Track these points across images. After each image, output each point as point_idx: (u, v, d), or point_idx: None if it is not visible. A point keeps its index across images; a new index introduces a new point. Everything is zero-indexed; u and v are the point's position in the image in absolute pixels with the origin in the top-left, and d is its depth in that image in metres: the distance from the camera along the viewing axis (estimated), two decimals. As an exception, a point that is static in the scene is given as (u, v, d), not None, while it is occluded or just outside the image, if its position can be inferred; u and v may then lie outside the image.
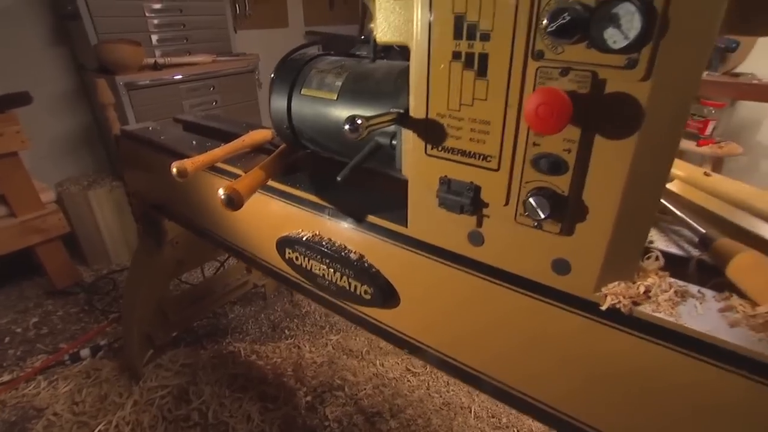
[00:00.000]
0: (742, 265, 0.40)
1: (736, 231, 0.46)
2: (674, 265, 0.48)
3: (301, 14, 3.19)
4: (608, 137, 0.34)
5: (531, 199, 0.38)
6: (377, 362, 1.34)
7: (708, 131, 2.01)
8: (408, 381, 1.27)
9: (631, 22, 0.29)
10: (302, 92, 0.61)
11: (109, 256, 1.90)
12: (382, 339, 0.63)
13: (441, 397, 1.22)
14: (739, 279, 0.40)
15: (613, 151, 0.34)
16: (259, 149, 0.82)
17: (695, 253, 0.48)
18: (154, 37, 1.95)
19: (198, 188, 0.85)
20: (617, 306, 0.39)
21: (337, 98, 0.56)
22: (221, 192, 0.54)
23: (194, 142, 0.90)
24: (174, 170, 0.65)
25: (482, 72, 0.37)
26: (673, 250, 0.49)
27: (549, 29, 0.31)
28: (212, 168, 0.77)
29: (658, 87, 0.31)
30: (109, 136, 1.81)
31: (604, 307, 0.39)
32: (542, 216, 0.37)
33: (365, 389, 1.21)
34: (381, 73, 0.54)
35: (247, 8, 2.67)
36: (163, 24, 1.96)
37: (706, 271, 0.46)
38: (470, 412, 1.17)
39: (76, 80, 2.01)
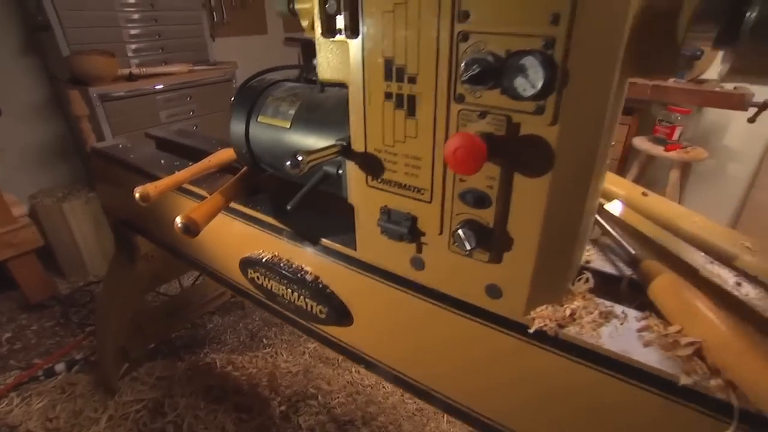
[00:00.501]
0: (660, 286, 0.43)
1: (662, 252, 0.49)
2: (609, 284, 0.51)
3: (280, 20, 3.19)
4: (526, 175, 0.36)
5: (459, 231, 0.40)
6: (353, 370, 1.35)
7: (675, 136, 2.07)
8: (383, 388, 1.30)
9: (536, 73, 0.32)
10: (259, 119, 0.62)
11: (86, 267, 1.89)
12: (340, 355, 0.65)
13: (415, 403, 1.24)
14: (657, 299, 0.42)
15: (530, 187, 0.36)
16: (225, 168, 0.84)
17: (628, 272, 0.51)
18: (130, 47, 1.94)
19: (165, 207, 0.85)
20: (544, 329, 0.42)
21: (291, 127, 0.58)
22: (178, 220, 0.56)
23: (163, 161, 0.91)
24: (137, 195, 0.66)
25: (411, 112, 0.40)
26: (608, 269, 0.52)
27: (463, 78, 0.33)
28: (178, 188, 0.78)
29: (565, 131, 0.33)
30: (84, 147, 1.80)
31: (531, 330, 0.42)
32: (469, 247, 0.40)
33: (338, 397, 1.23)
34: (331, 102, 0.56)
35: (225, 15, 2.66)
36: (138, 34, 1.95)
37: (638, 290, 0.49)
38: (443, 417, 1.20)
39: (50, 91, 1.99)
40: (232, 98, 0.69)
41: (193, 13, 2.13)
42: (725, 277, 0.44)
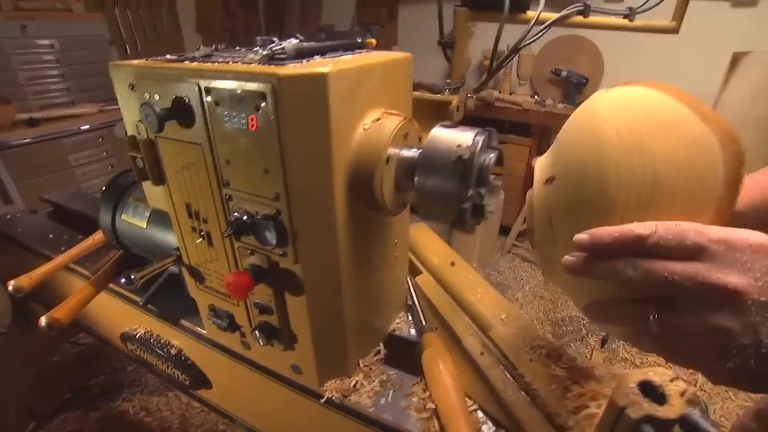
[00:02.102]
0: (426, 358, 0.56)
1: (443, 323, 0.63)
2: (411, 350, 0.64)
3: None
4: (291, 294, 0.48)
5: (255, 332, 0.52)
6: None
7: (566, 154, 2.32)
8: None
9: (271, 232, 0.43)
10: (122, 217, 0.71)
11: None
12: (210, 410, 0.75)
13: None
14: (424, 369, 0.55)
15: (296, 302, 0.49)
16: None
17: (421, 335, 0.64)
18: (29, 91, 1.91)
19: (54, 281, 0.91)
20: (332, 397, 0.54)
21: (147, 227, 0.67)
22: (43, 320, 0.63)
23: (51, 236, 0.96)
24: (10, 288, 0.72)
25: (210, 243, 0.51)
26: (412, 335, 0.65)
27: (226, 233, 0.45)
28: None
29: (306, 267, 0.45)
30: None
31: (322, 400, 0.54)
32: (262, 344, 0.51)
33: (251, 432, 1.32)
34: (174, 208, 0.66)
35: (139, 47, 2.65)
36: (37, 76, 1.92)
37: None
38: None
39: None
40: (103, 188, 0.77)
41: (98, 51, 2.12)
42: (475, 348, 0.58)
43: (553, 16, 0.84)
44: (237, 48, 0.54)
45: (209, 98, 0.40)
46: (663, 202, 0.32)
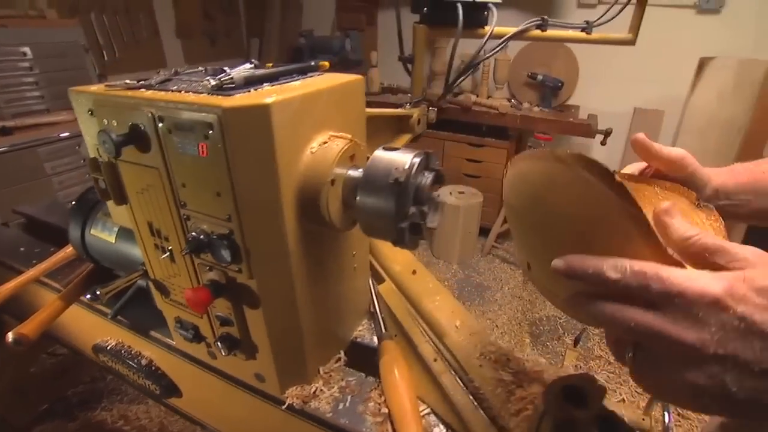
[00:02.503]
0: (382, 363, 0.59)
1: (401, 330, 0.66)
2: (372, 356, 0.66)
3: (181, 53, 3.20)
4: (249, 307, 0.51)
5: (217, 342, 0.54)
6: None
7: (541, 158, 2.37)
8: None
9: (226, 250, 0.46)
10: (91, 232, 0.72)
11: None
12: (182, 418, 0.77)
13: None
14: (381, 375, 0.58)
15: (254, 315, 0.51)
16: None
17: (383, 340, 0.67)
18: (1, 99, 1.89)
19: (24, 294, 0.92)
20: (293, 404, 0.57)
21: (115, 242, 0.69)
22: (10, 335, 0.65)
23: (23, 249, 0.97)
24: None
25: (172, 259, 0.53)
26: (373, 342, 0.68)
27: (185, 251, 0.47)
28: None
29: (261, 282, 0.48)
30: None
31: (284, 407, 0.57)
32: (224, 354, 0.54)
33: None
34: (141, 223, 0.67)
35: (117, 53, 2.64)
36: (10, 84, 1.91)
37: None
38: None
39: None
40: (72, 202, 0.78)
41: (75, 59, 2.11)
42: (430, 354, 0.61)
43: (511, 30, 0.87)
44: (200, 69, 0.56)
45: (162, 126, 0.42)
46: (589, 241, 0.33)
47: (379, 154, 0.43)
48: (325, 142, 0.46)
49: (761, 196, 0.49)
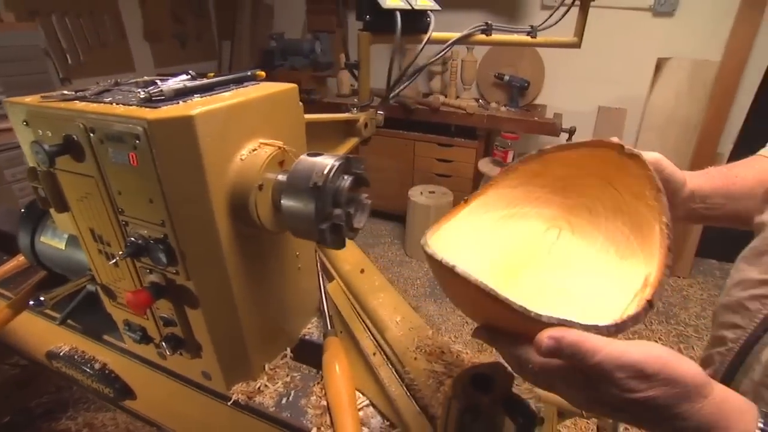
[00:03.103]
0: (324, 360, 0.61)
1: (345, 326, 0.69)
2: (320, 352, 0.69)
3: (149, 56, 3.16)
4: (189, 307, 0.53)
5: (162, 342, 0.56)
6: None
7: (509, 159, 2.43)
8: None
9: (162, 253, 0.48)
10: (41, 239, 0.73)
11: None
12: (138, 421, 0.79)
13: None
14: (323, 371, 0.61)
15: (195, 314, 0.53)
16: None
17: (331, 336, 0.70)
18: (-39, 107, 1.85)
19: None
20: (238, 400, 0.59)
21: (65, 248, 0.70)
22: (-45, 342, 0.65)
23: (-25, 256, 0.97)
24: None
25: (116, 264, 0.55)
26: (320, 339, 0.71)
27: (122, 255, 0.49)
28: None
29: (198, 282, 0.50)
30: None
31: (229, 403, 0.59)
32: (169, 354, 0.56)
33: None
34: (90, 229, 0.69)
35: (81, 56, 2.60)
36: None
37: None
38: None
39: None
40: (22, 210, 0.79)
41: (33, 62, 2.07)
42: (370, 349, 0.64)
43: (455, 35, 0.91)
44: (139, 80, 0.58)
45: (94, 136, 0.44)
46: None
47: (303, 159, 0.46)
48: (254, 149, 0.48)
49: (734, 200, 0.52)
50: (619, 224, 0.45)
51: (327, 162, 0.44)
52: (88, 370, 0.74)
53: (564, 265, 0.47)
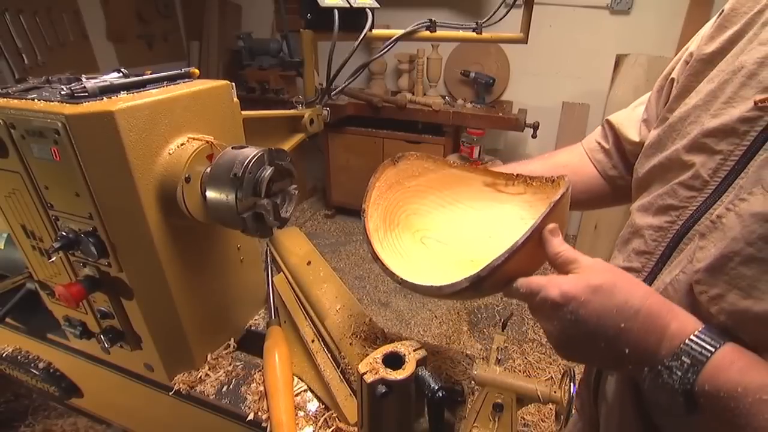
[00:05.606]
0: (265, 348, 0.63)
1: (289, 317, 0.71)
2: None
3: (114, 56, 3.09)
4: (125, 299, 0.54)
5: (101, 335, 0.57)
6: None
7: (476, 154, 2.48)
8: None
9: (92, 247, 0.49)
10: (-21, 238, 0.73)
11: None
12: (86, 418, 0.79)
13: None
14: (263, 358, 0.63)
15: (132, 306, 0.54)
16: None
17: (277, 327, 0.72)
18: None
19: None
20: (180, 390, 0.60)
21: (4, 248, 0.70)
22: None
23: None
24: None
25: (48, 258, 0.55)
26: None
27: (52, 249, 0.50)
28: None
29: (131, 273, 0.52)
30: None
31: (171, 393, 0.60)
32: (107, 346, 0.57)
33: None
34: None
35: (39, 57, 2.53)
36: None
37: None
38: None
39: None
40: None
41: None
42: (309, 336, 0.66)
43: (399, 32, 0.94)
44: (68, 75, 0.58)
45: (15, 132, 0.45)
46: None
47: (226, 152, 0.48)
48: (182, 144, 0.50)
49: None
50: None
51: (247, 152, 0.46)
52: (32, 370, 0.74)
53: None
